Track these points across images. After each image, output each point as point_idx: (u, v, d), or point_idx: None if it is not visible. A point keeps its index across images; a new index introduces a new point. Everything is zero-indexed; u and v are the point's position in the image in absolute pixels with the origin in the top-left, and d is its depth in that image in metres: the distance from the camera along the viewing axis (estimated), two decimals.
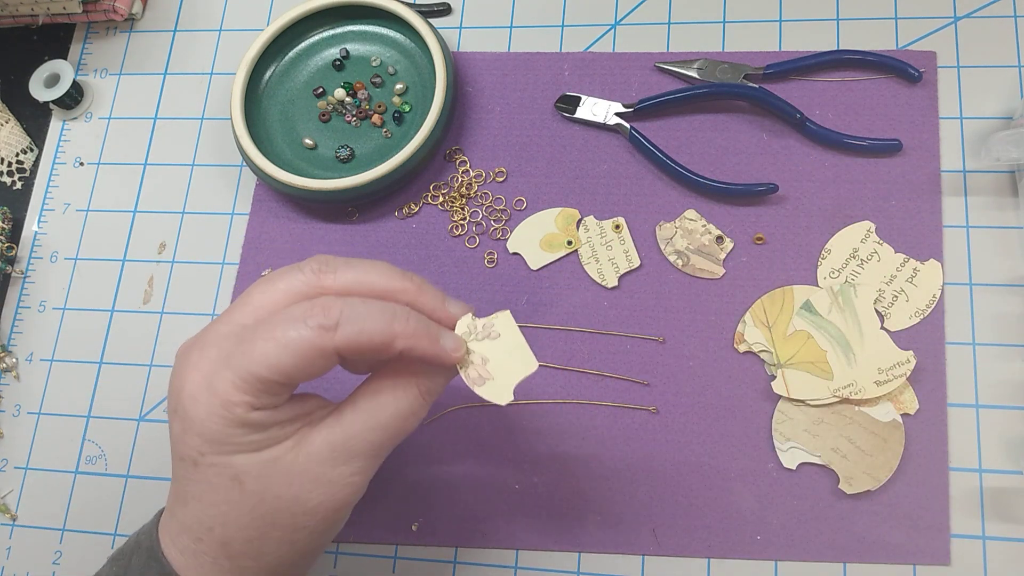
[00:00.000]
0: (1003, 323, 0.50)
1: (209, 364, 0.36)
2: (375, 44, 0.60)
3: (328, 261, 0.38)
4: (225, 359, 0.36)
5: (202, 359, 0.37)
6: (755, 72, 0.55)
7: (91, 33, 0.66)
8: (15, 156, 0.63)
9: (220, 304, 0.57)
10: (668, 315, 0.52)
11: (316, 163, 0.58)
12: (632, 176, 0.55)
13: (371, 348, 0.36)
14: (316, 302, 0.36)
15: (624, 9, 0.59)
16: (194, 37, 0.64)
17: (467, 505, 0.51)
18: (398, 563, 0.51)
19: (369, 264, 0.39)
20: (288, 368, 0.35)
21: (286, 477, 0.37)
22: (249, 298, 0.38)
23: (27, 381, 0.58)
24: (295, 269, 0.38)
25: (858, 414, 0.49)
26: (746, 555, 0.48)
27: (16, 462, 0.57)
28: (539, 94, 0.58)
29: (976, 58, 0.54)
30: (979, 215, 0.51)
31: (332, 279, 0.38)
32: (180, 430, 0.37)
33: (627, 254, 0.54)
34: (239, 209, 0.59)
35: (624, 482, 0.50)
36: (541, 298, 0.54)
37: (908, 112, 0.54)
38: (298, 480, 0.37)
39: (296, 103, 0.60)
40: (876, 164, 0.53)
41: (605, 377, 0.52)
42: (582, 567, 0.49)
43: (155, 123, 0.63)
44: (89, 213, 0.61)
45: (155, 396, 0.56)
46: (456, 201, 0.56)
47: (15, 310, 0.60)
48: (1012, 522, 0.47)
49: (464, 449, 0.52)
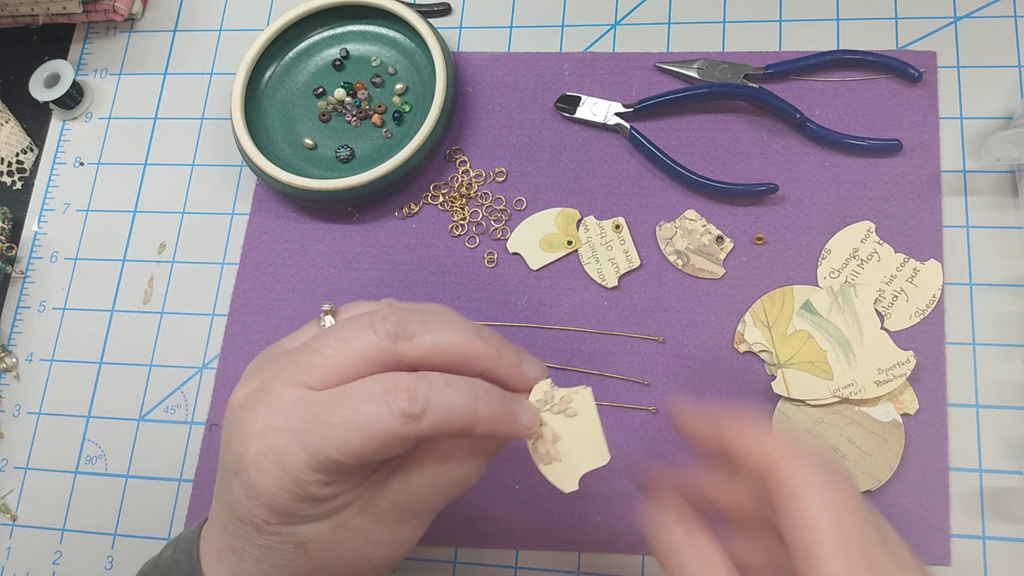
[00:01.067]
0: (1003, 323, 0.50)
1: (278, 437, 0.34)
2: (375, 44, 0.60)
3: (403, 321, 0.35)
4: (297, 436, 0.34)
5: (269, 429, 0.34)
6: (755, 72, 0.55)
7: (91, 33, 0.66)
8: (15, 156, 0.63)
9: (220, 304, 0.57)
10: (668, 315, 0.52)
11: (316, 163, 0.58)
12: (632, 176, 0.55)
13: (452, 433, 0.35)
14: (399, 383, 0.34)
15: (624, 9, 0.59)
16: (194, 37, 0.64)
17: (467, 505, 0.51)
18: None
19: (445, 324, 0.36)
20: (367, 454, 0.33)
21: (351, 541, 0.36)
22: (317, 357, 0.35)
23: (27, 381, 0.58)
24: (367, 328, 0.35)
25: (858, 414, 0.49)
26: None
27: (16, 462, 0.57)
28: (539, 94, 0.58)
29: (976, 58, 0.54)
30: (979, 215, 0.51)
31: (409, 347, 0.35)
32: (244, 496, 0.35)
33: (627, 254, 0.54)
34: (239, 209, 0.59)
35: (624, 482, 0.50)
36: (541, 298, 0.54)
37: (908, 112, 0.54)
38: (363, 542, 0.36)
39: (296, 103, 0.60)
40: (876, 164, 0.53)
41: (605, 377, 0.52)
42: (582, 567, 0.49)
43: (155, 123, 0.63)
44: (89, 213, 0.61)
45: (155, 396, 0.56)
46: (456, 201, 0.56)
47: (15, 310, 0.60)
48: (1012, 522, 0.47)
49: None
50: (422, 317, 0.36)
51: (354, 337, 0.35)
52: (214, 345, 0.56)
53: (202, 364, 0.56)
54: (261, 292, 0.57)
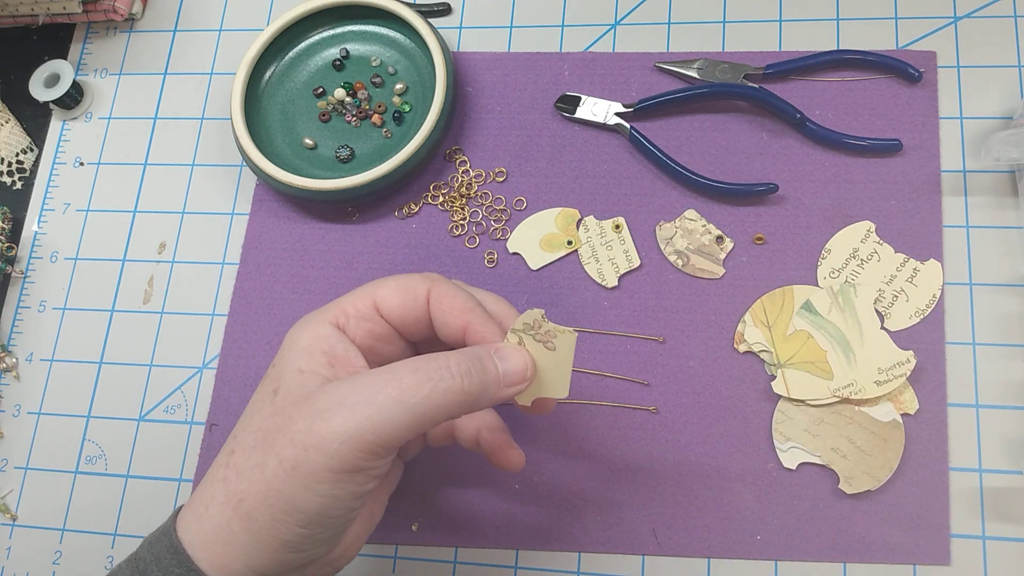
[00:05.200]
0: (1003, 323, 0.50)
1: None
2: (375, 44, 0.60)
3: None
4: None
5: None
6: (755, 72, 0.55)
7: (91, 33, 0.66)
8: (15, 156, 0.63)
9: (220, 304, 0.57)
10: (668, 315, 0.52)
11: (316, 163, 0.58)
12: (632, 176, 0.55)
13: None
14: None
15: (624, 9, 0.59)
16: (194, 37, 0.64)
17: (467, 505, 0.51)
18: (398, 563, 0.51)
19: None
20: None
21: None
22: None
23: (27, 381, 0.58)
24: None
25: (858, 414, 0.49)
26: (746, 555, 0.48)
27: (16, 462, 0.57)
28: (539, 94, 0.58)
29: (976, 58, 0.54)
30: (979, 215, 0.51)
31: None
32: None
33: (627, 254, 0.54)
34: (239, 209, 0.59)
35: (624, 482, 0.50)
36: (541, 298, 0.54)
37: (908, 112, 0.54)
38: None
39: (296, 103, 0.60)
40: (876, 164, 0.53)
41: (605, 377, 0.52)
42: (582, 567, 0.49)
43: (155, 123, 0.63)
44: (89, 213, 0.61)
45: (155, 396, 0.56)
46: (456, 201, 0.56)
47: (15, 310, 0.60)
48: (1012, 522, 0.47)
49: (464, 449, 0.52)
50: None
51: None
52: (214, 345, 0.56)
53: (202, 364, 0.56)
54: (261, 292, 0.57)
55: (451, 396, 0.36)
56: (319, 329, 0.39)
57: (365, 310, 0.40)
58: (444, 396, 0.36)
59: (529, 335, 0.39)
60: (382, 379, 0.36)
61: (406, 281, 0.41)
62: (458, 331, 0.40)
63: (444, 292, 0.40)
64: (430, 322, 0.41)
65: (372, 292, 0.40)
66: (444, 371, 0.36)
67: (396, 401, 0.35)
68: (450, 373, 0.36)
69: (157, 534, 0.39)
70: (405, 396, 0.35)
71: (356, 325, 0.40)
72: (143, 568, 0.37)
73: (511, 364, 0.38)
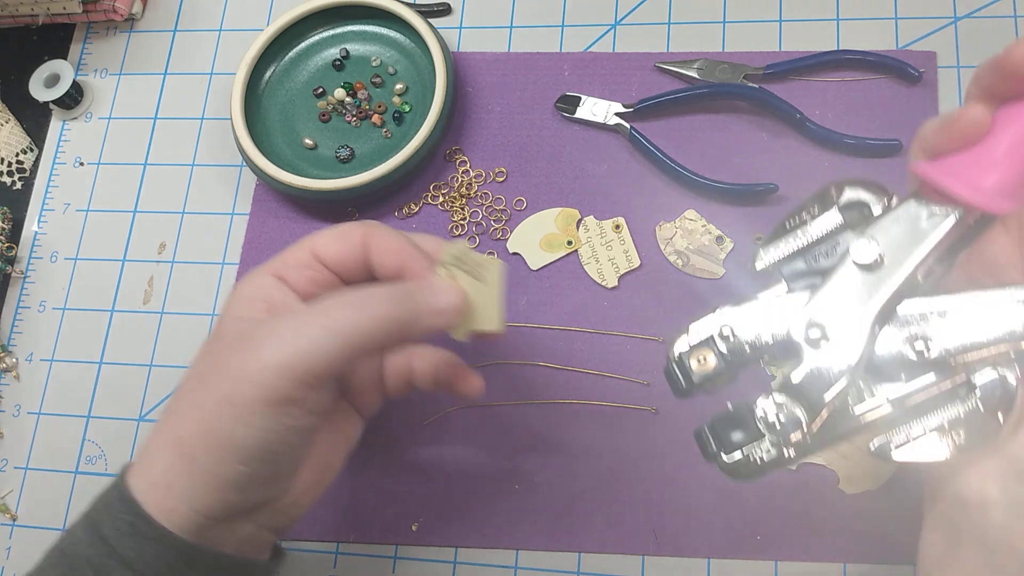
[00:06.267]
0: None
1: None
2: (375, 44, 0.60)
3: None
4: None
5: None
6: (755, 72, 0.55)
7: (91, 33, 0.66)
8: (15, 156, 0.63)
9: (220, 304, 0.57)
10: (668, 315, 0.52)
11: (316, 163, 0.58)
12: (632, 176, 0.55)
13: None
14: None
15: (624, 9, 0.59)
16: (194, 37, 0.64)
17: (467, 505, 0.51)
18: (398, 563, 0.51)
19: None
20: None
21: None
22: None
23: (27, 381, 0.58)
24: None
25: None
26: (746, 555, 0.48)
27: (16, 462, 0.57)
28: (539, 94, 0.58)
29: (976, 58, 0.54)
30: None
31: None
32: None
33: (627, 254, 0.54)
34: (239, 209, 0.59)
35: (624, 482, 0.50)
36: (541, 298, 0.54)
37: (908, 112, 0.53)
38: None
39: (296, 103, 0.60)
40: (876, 164, 0.53)
41: (605, 377, 0.52)
42: (582, 567, 0.49)
43: (155, 123, 0.63)
44: (89, 213, 0.61)
45: (155, 396, 0.56)
46: (456, 201, 0.56)
47: (15, 310, 0.60)
48: None
49: (464, 449, 0.52)
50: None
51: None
52: None
53: None
54: None
55: (379, 323, 0.37)
56: (259, 279, 0.41)
57: (304, 259, 0.41)
58: (372, 323, 0.37)
59: (458, 268, 0.40)
60: (312, 311, 0.37)
61: (342, 228, 0.42)
62: (394, 271, 0.41)
63: (379, 235, 0.41)
64: (368, 265, 0.42)
65: (311, 242, 0.42)
66: (372, 299, 0.37)
67: (324, 328, 0.36)
68: (378, 301, 0.37)
69: (109, 487, 0.39)
70: (334, 324, 0.36)
71: (297, 274, 0.41)
72: (95, 519, 0.38)
73: (439, 291, 0.39)
